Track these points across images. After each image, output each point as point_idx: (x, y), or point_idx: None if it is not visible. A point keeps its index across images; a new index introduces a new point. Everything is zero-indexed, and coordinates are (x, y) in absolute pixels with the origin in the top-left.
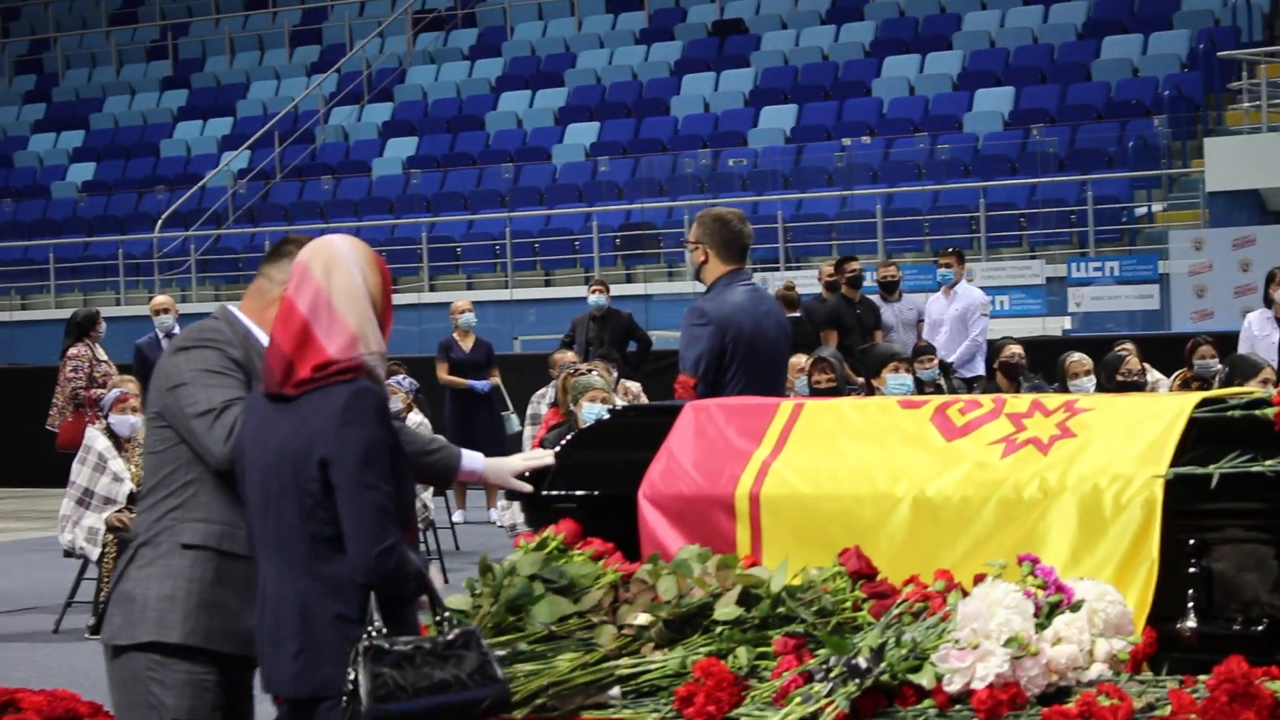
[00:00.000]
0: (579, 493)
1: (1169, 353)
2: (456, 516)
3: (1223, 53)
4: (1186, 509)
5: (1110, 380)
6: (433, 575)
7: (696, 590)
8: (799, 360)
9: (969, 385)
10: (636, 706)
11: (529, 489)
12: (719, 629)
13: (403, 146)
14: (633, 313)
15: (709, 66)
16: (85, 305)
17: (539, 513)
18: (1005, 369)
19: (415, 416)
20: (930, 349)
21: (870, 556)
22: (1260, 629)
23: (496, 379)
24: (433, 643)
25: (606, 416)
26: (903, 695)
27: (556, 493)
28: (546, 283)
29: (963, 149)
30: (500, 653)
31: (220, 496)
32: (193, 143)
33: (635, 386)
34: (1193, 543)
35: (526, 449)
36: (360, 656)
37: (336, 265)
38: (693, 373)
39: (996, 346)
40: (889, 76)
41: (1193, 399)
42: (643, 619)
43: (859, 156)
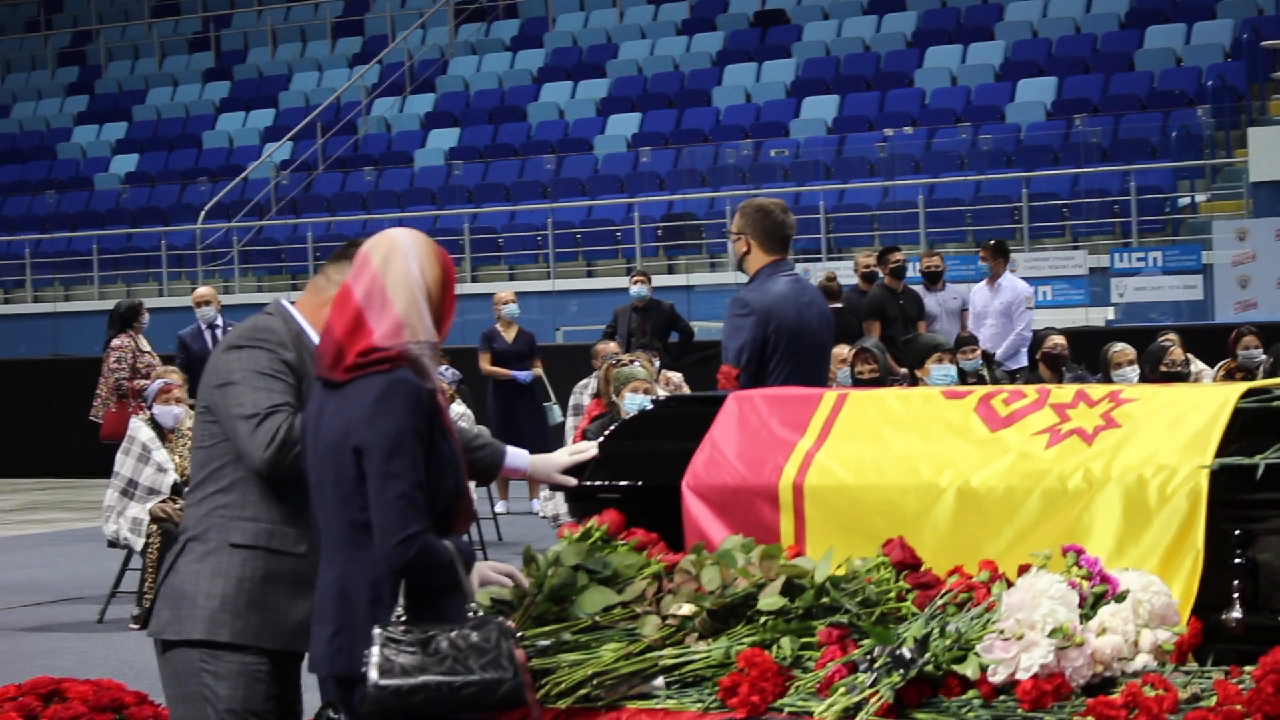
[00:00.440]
0: (622, 483)
1: (1212, 343)
2: (499, 507)
3: (1267, 42)
4: (1231, 499)
5: (1154, 371)
6: (477, 567)
7: (740, 581)
8: (841, 351)
9: (1012, 377)
10: (680, 697)
11: (573, 482)
12: (763, 619)
13: (445, 137)
14: (674, 303)
15: (750, 57)
16: (128, 296)
17: (582, 503)
18: (1048, 360)
19: (457, 408)
20: (973, 340)
21: (914, 547)
22: None
23: (539, 370)
24: (451, 631)
25: (649, 407)
26: (947, 686)
27: (600, 483)
28: (588, 273)
29: (1005, 139)
30: (544, 642)
31: (268, 494)
32: (235, 134)
33: (677, 377)
34: (1238, 533)
35: (568, 440)
36: (377, 639)
37: (394, 255)
38: (735, 363)
39: (1039, 337)
40: (931, 67)
41: (1237, 389)
42: (687, 609)
43: (901, 147)
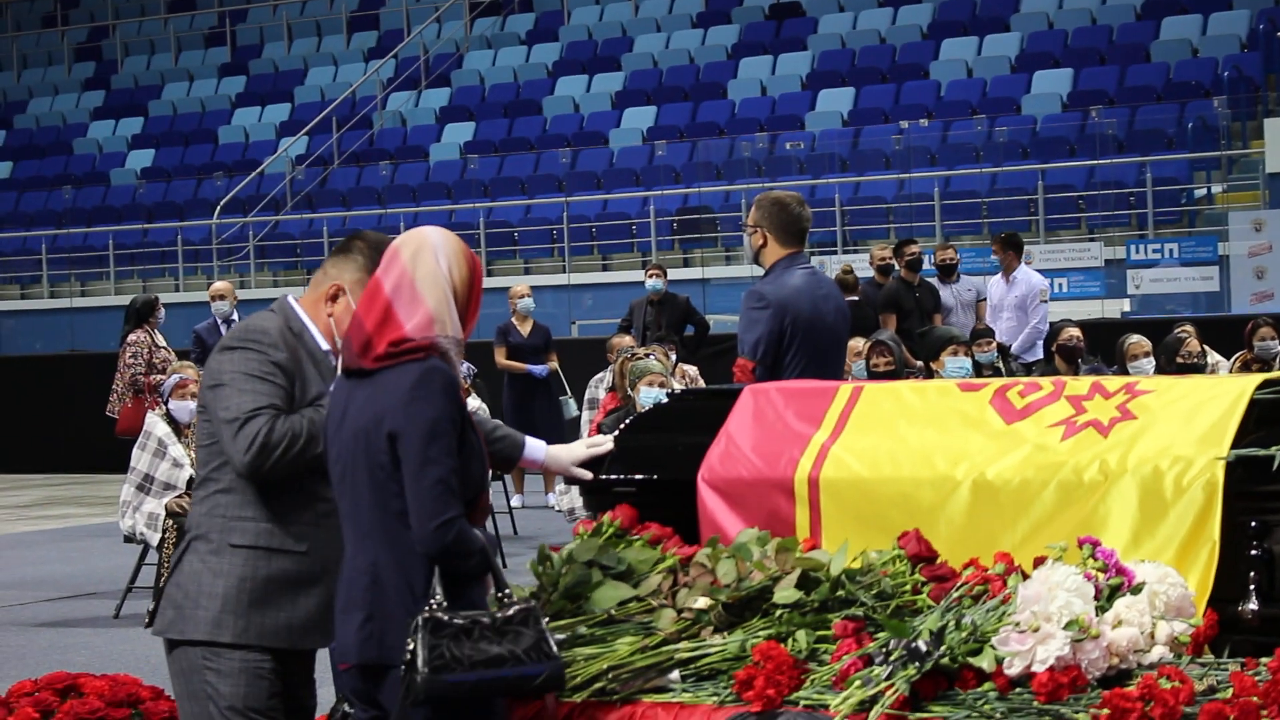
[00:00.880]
0: (638, 476)
1: (1229, 334)
2: (514, 501)
3: None
4: (1248, 491)
5: (1170, 362)
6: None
7: (756, 573)
8: (857, 343)
9: (1028, 369)
10: (696, 690)
11: (590, 476)
12: (778, 612)
13: (460, 131)
14: (690, 296)
15: (766, 50)
16: (144, 291)
17: (597, 497)
18: (1064, 352)
19: (473, 401)
20: (989, 332)
21: (930, 539)
22: None
23: (554, 363)
24: (491, 618)
25: (664, 400)
26: (963, 678)
27: (615, 477)
28: (604, 267)
29: (1021, 131)
30: (560, 636)
31: (267, 493)
32: (251, 129)
33: (693, 370)
34: (1254, 525)
35: (584, 433)
36: (419, 628)
37: (424, 251)
38: (751, 356)
39: (1055, 329)
40: (947, 59)
41: (1254, 380)
42: (702, 602)
43: (917, 139)
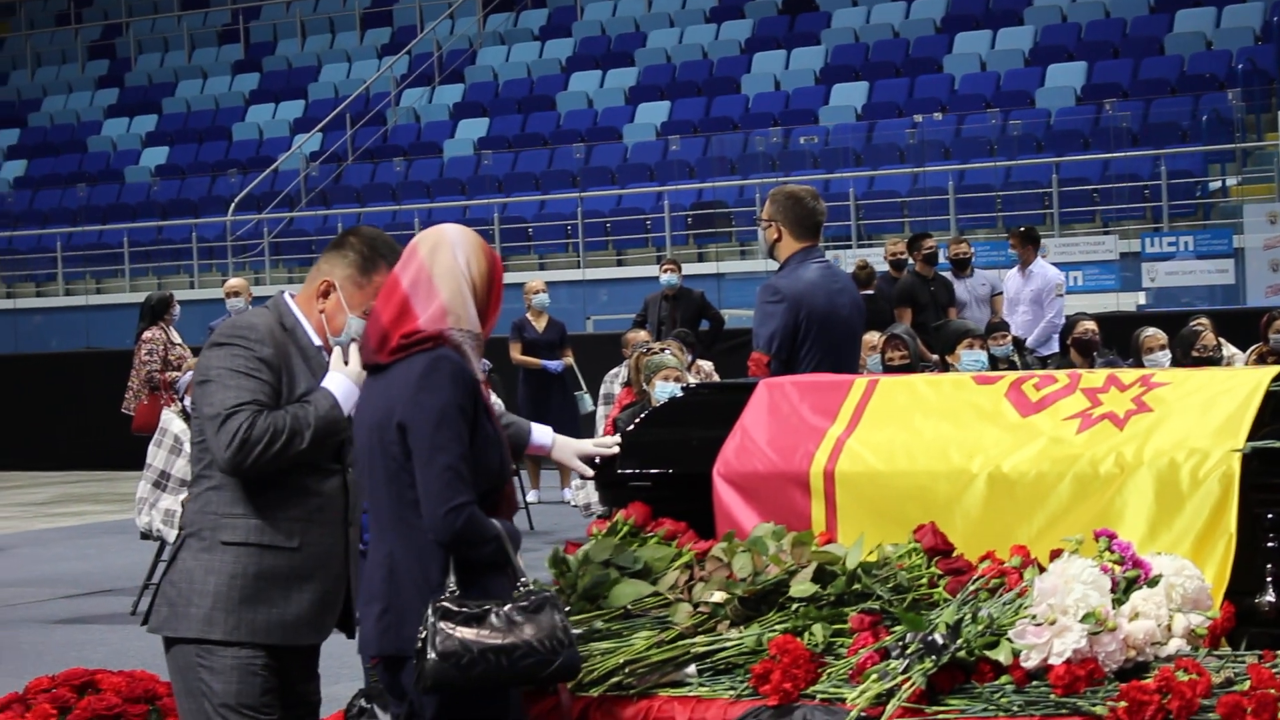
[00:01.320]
0: (653, 470)
1: (1244, 327)
2: (531, 496)
3: None
4: (1264, 483)
5: (1185, 355)
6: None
7: (772, 567)
8: (872, 337)
9: (1043, 362)
10: (712, 684)
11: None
12: (794, 606)
13: (474, 128)
14: (705, 291)
15: (779, 44)
16: (159, 289)
17: (613, 491)
18: (1079, 345)
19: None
20: (1004, 326)
21: (946, 533)
22: None
23: (569, 359)
24: (505, 606)
25: (679, 395)
26: (979, 671)
27: (631, 471)
28: (618, 262)
29: (1035, 125)
30: (576, 631)
31: (258, 489)
32: (265, 126)
33: (708, 365)
34: (1270, 517)
35: (599, 429)
36: (431, 615)
37: (442, 247)
38: (766, 350)
39: (1070, 322)
40: (960, 53)
41: (1269, 373)
42: (718, 597)
43: (931, 133)
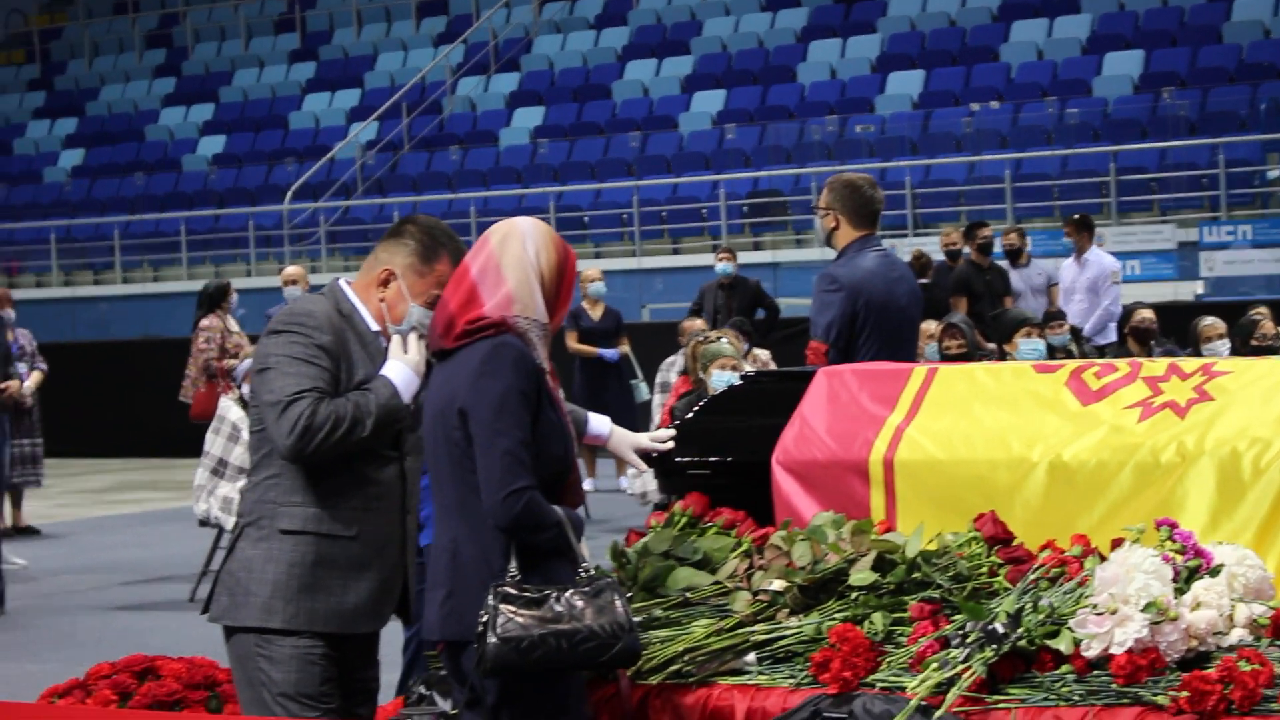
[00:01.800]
0: (712, 459)
1: None
2: (587, 485)
3: None
4: None
5: (1244, 345)
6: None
7: (831, 556)
8: (929, 326)
9: (1100, 352)
10: (772, 672)
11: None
12: (854, 594)
13: (530, 116)
14: (760, 280)
15: (835, 33)
16: (216, 277)
17: (672, 479)
18: (1136, 334)
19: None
20: (1061, 314)
21: (1006, 521)
22: None
23: (625, 347)
24: (566, 591)
25: (737, 383)
26: (1040, 661)
27: (689, 459)
28: (674, 251)
29: (1092, 113)
30: (636, 619)
31: (316, 478)
32: (321, 115)
33: (765, 354)
34: None
35: (655, 417)
36: (492, 599)
37: (512, 237)
38: (824, 339)
39: (1128, 311)
40: (1017, 41)
41: None
42: (778, 585)
43: (987, 122)
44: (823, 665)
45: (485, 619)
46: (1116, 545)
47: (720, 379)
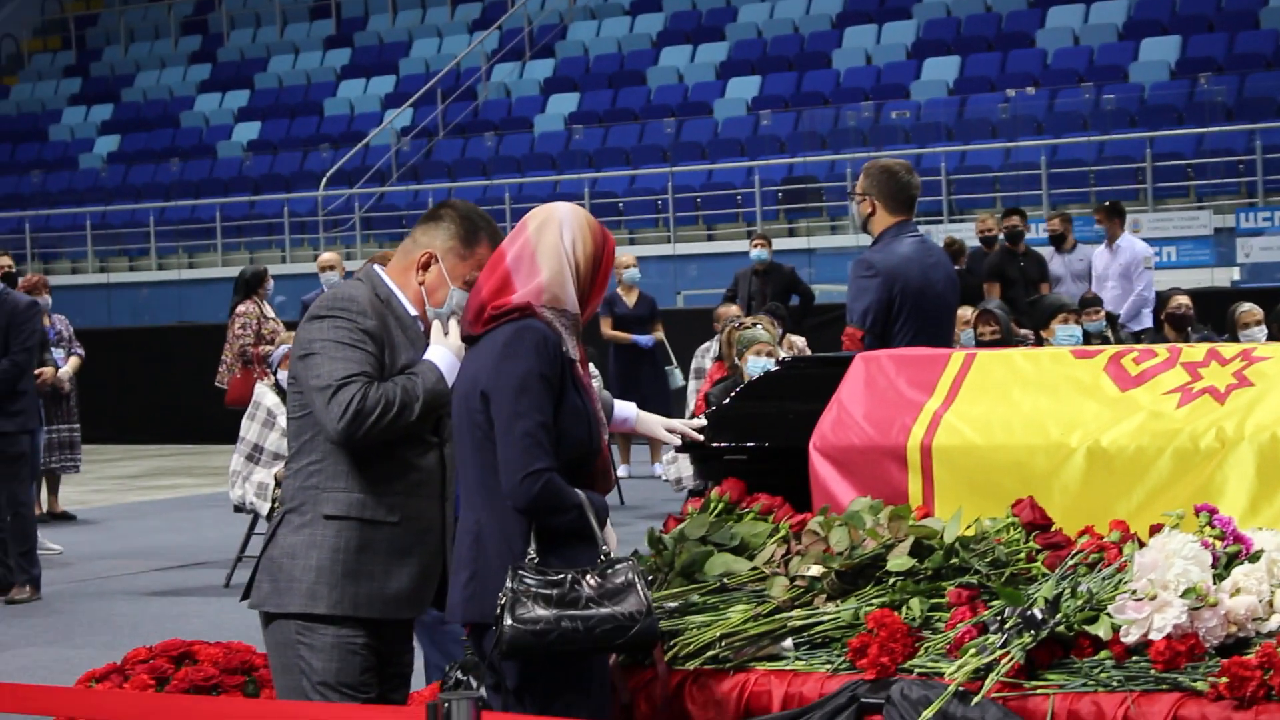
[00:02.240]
0: (749, 444)
1: None
2: (621, 471)
3: None
4: None
5: None
6: (609, 530)
7: (869, 541)
8: (964, 313)
9: (1136, 338)
10: (809, 658)
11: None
12: (892, 580)
13: (564, 103)
14: (795, 266)
15: (870, 19)
16: (251, 263)
17: (709, 464)
18: (1173, 320)
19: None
20: (1097, 300)
21: (1044, 507)
22: None
23: (660, 334)
24: (584, 574)
25: (773, 369)
26: (1079, 646)
27: (726, 444)
28: (709, 237)
29: (1128, 99)
30: (672, 604)
31: (360, 463)
32: (356, 101)
33: (800, 341)
34: None
35: (690, 403)
36: (510, 582)
37: (549, 225)
38: (860, 325)
39: (1164, 297)
40: (1053, 27)
41: None
42: (815, 570)
43: (1023, 108)
44: (860, 651)
45: (503, 602)
46: (1155, 531)
47: (755, 365)
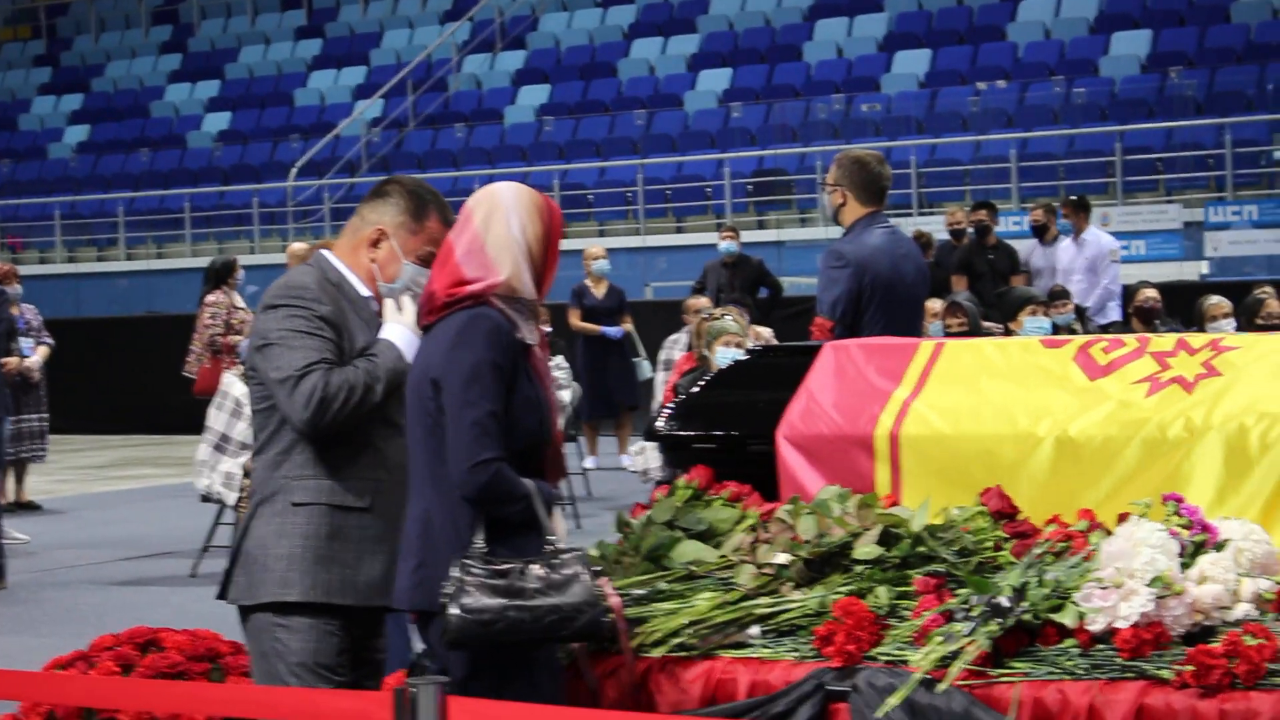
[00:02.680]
0: (717, 432)
1: None
2: (588, 463)
3: None
4: None
5: (1250, 324)
6: (558, 519)
7: (836, 530)
8: (932, 305)
9: (1104, 330)
10: (775, 645)
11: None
12: (859, 568)
13: (535, 94)
14: (764, 259)
15: (842, 12)
16: (220, 254)
17: (677, 453)
18: (1141, 313)
19: (561, 364)
20: (1065, 293)
21: (1012, 496)
22: None
23: (629, 325)
24: (531, 564)
25: (743, 358)
26: (1044, 635)
27: (694, 433)
28: (678, 229)
29: (1099, 93)
30: (639, 591)
31: (329, 451)
32: (327, 92)
33: (768, 332)
34: None
35: (658, 395)
36: (456, 571)
37: (495, 215)
38: (830, 315)
39: (1132, 290)
40: (1024, 21)
41: None
42: (782, 558)
43: (993, 101)
44: (827, 639)
45: (450, 591)
46: (1123, 519)
47: (725, 356)
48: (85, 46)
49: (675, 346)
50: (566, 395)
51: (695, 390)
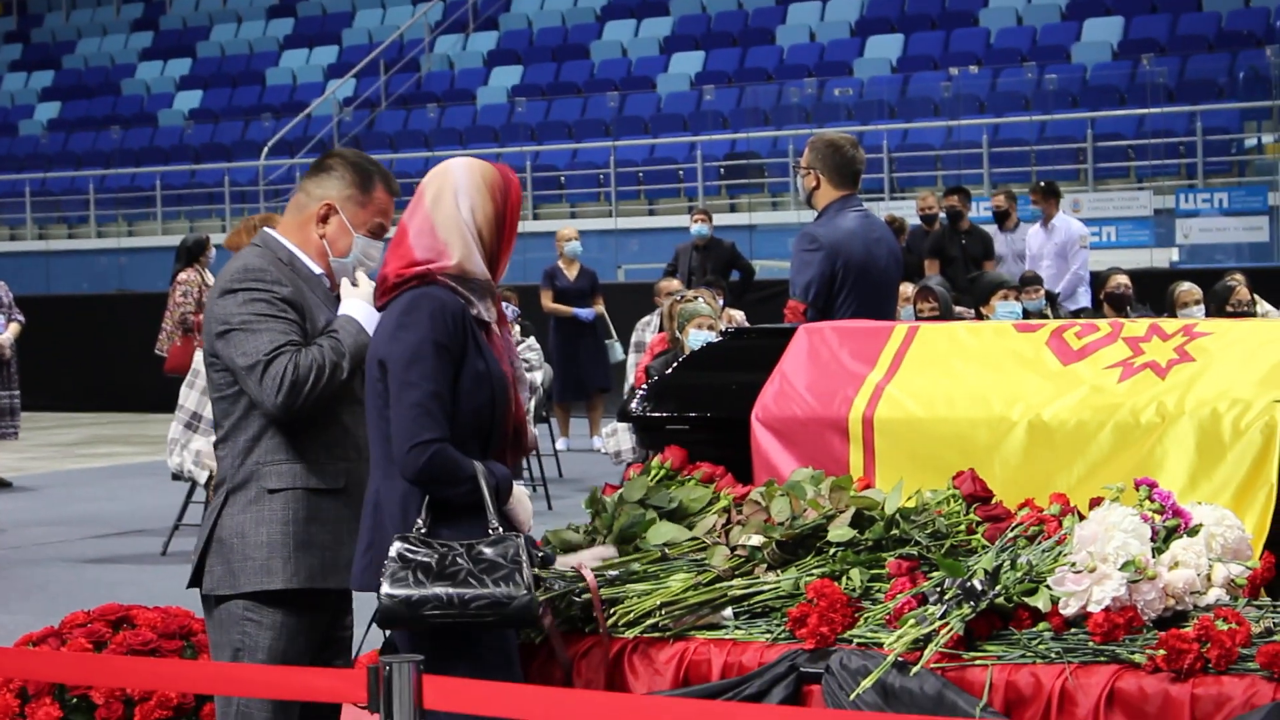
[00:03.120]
0: (691, 414)
1: (1277, 285)
2: (560, 444)
3: None
4: None
5: (1220, 311)
6: (520, 496)
7: (810, 512)
8: (904, 289)
9: (1074, 316)
10: (749, 627)
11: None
12: (832, 551)
13: (508, 75)
14: (736, 242)
15: None
16: (191, 232)
17: (650, 435)
18: (1112, 300)
19: (534, 346)
20: (1037, 279)
21: (985, 479)
22: None
23: (600, 307)
24: (467, 547)
25: (716, 340)
26: (1018, 618)
27: (668, 414)
28: (650, 212)
29: (1071, 79)
30: (613, 573)
31: (299, 434)
32: (299, 71)
33: (739, 315)
34: None
35: (630, 376)
36: (391, 551)
37: (444, 195)
38: (803, 298)
39: (1103, 276)
40: (997, 6)
41: None
42: (756, 540)
43: (966, 87)
44: (800, 621)
45: (385, 572)
46: (1095, 504)
47: (697, 338)
48: (56, 23)
49: (647, 329)
50: (538, 377)
51: (668, 372)
